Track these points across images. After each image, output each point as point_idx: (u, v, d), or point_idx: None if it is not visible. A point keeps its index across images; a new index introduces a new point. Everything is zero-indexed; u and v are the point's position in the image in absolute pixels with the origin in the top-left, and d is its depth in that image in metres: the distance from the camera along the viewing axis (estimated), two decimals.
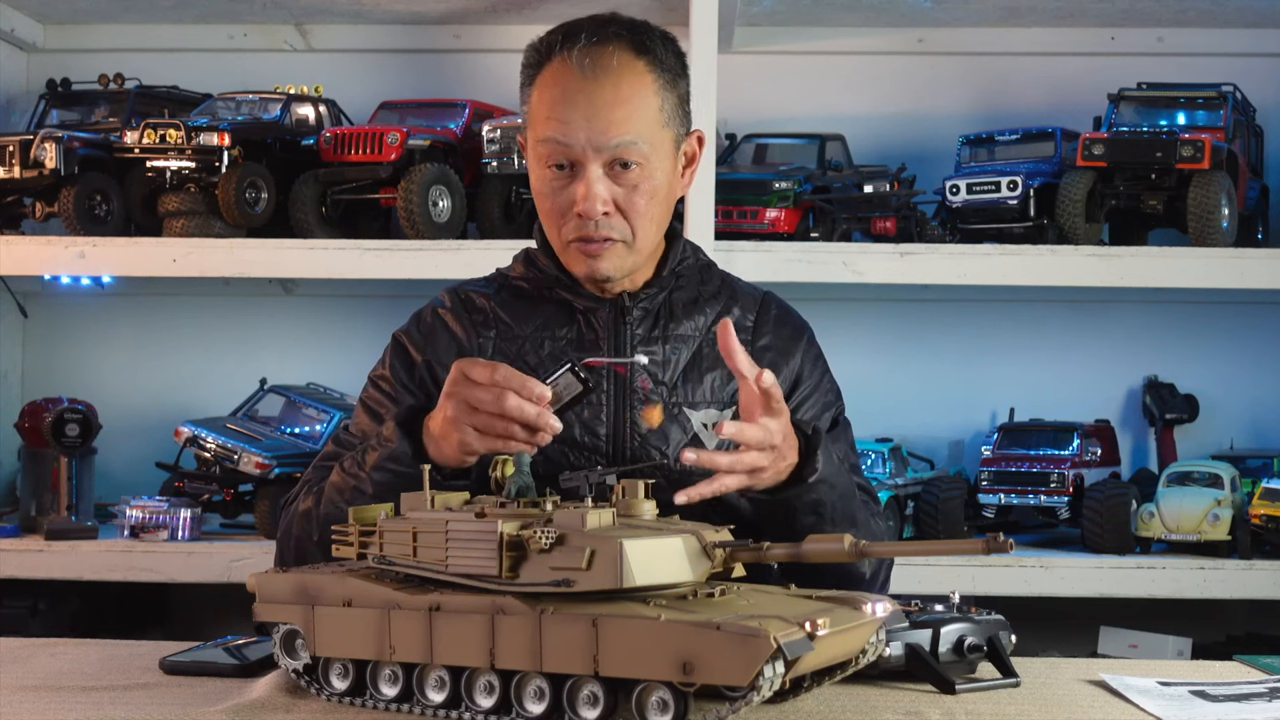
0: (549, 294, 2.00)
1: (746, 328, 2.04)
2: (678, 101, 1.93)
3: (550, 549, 1.41)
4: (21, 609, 3.14)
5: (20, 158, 3.16)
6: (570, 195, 1.89)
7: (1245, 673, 1.84)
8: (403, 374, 2.00)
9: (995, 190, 3.16)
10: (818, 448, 1.80)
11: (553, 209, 1.92)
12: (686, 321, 2.00)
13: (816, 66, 3.60)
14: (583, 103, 1.85)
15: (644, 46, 1.90)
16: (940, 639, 1.67)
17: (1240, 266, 3.07)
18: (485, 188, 3.21)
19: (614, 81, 1.86)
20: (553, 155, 1.88)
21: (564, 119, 1.86)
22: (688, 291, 2.03)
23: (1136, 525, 3.06)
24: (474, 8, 3.48)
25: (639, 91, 1.87)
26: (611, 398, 1.94)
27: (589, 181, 1.87)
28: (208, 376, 3.61)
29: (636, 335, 1.97)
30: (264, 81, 3.41)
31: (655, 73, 1.89)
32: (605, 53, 1.86)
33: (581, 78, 1.85)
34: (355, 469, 1.84)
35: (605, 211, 1.88)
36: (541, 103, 1.90)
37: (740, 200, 3.16)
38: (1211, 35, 3.51)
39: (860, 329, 3.53)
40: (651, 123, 1.88)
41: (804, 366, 2.06)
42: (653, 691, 1.36)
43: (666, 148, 1.92)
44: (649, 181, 1.89)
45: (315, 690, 1.57)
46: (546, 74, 1.90)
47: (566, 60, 1.87)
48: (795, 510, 1.79)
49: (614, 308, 1.98)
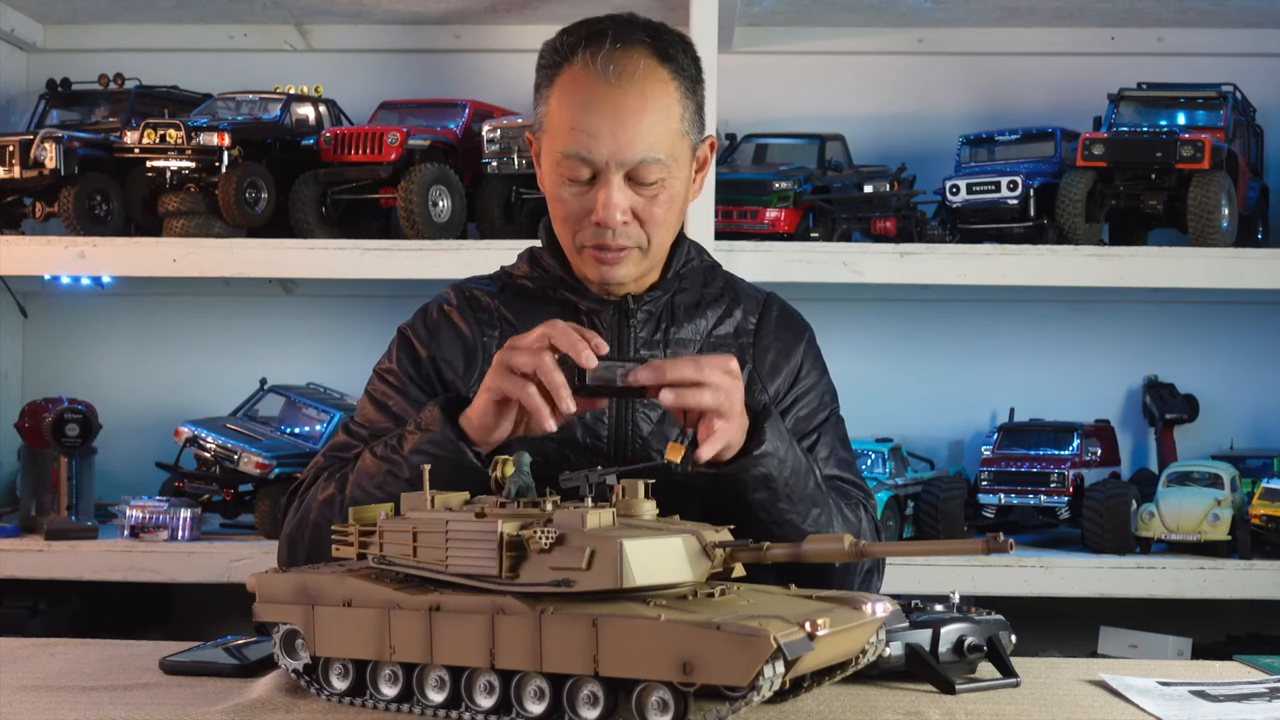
0: (553, 294, 2.00)
1: (748, 330, 2.04)
2: (696, 108, 1.92)
3: (550, 549, 1.41)
4: (21, 609, 3.14)
5: (20, 158, 3.16)
6: (588, 202, 1.86)
7: (1245, 673, 1.84)
8: (409, 367, 2.00)
9: (995, 190, 3.16)
10: (765, 422, 1.78)
11: (568, 215, 1.90)
12: (688, 325, 2.00)
13: (816, 66, 3.60)
14: (609, 112, 1.82)
15: (666, 53, 1.87)
16: (940, 639, 1.67)
17: (1240, 266, 3.07)
18: (485, 188, 3.21)
19: (639, 90, 1.83)
20: (574, 168, 1.85)
21: (589, 130, 1.82)
22: (690, 294, 2.03)
23: (1136, 525, 3.06)
24: (474, 8, 3.48)
25: (663, 100, 1.85)
26: (614, 400, 1.94)
27: (609, 191, 1.84)
28: (208, 376, 3.61)
29: (639, 338, 1.97)
30: (264, 81, 3.41)
31: (678, 80, 1.87)
32: (630, 59, 1.83)
33: (605, 85, 1.82)
34: (390, 453, 1.82)
35: (624, 221, 1.86)
36: (563, 108, 1.86)
37: (740, 200, 3.16)
38: (1211, 35, 3.51)
39: (860, 329, 3.53)
40: (673, 133, 1.87)
41: (803, 366, 2.06)
42: (653, 691, 1.36)
43: (685, 157, 1.91)
44: (668, 191, 1.88)
45: (315, 690, 1.57)
46: (567, 77, 1.86)
47: (590, 65, 1.83)
48: (745, 484, 1.77)
49: (618, 310, 1.98)
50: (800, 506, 1.81)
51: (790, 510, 1.80)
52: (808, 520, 1.82)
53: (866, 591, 1.63)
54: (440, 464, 1.69)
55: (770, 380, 2.02)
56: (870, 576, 1.99)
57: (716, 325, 2.02)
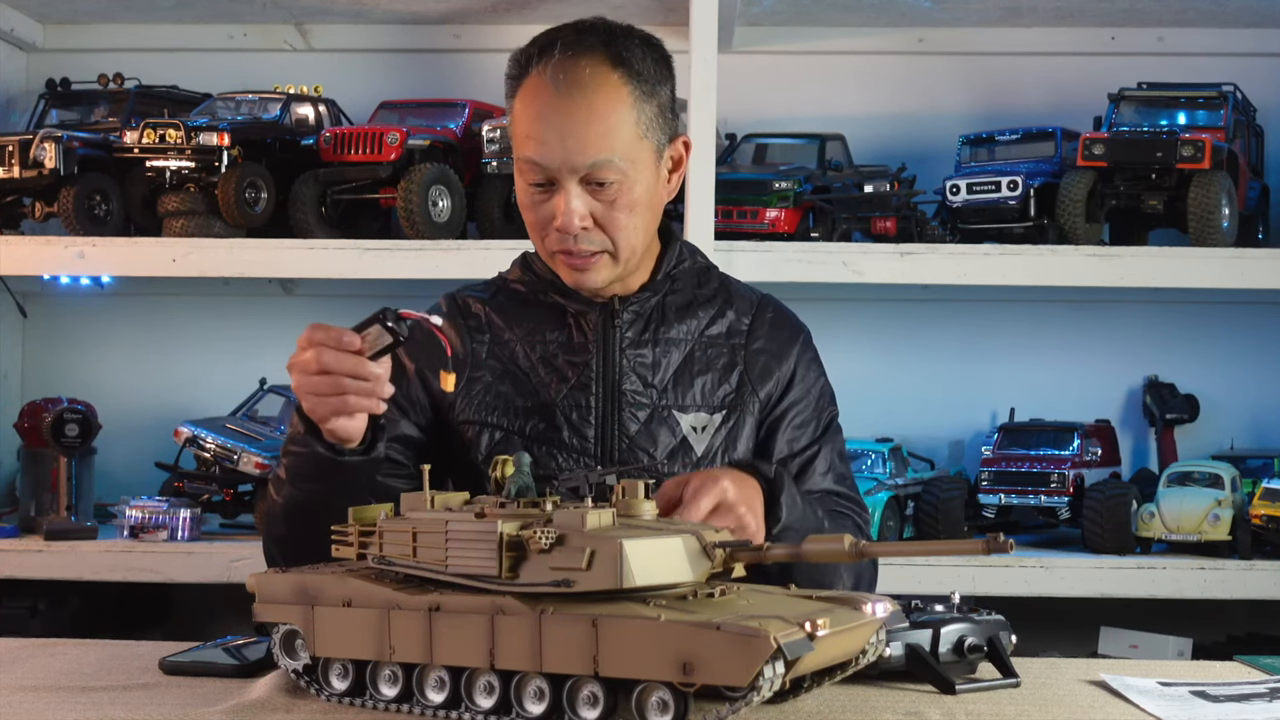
0: (543, 297, 2.02)
1: (740, 330, 2.04)
2: (657, 110, 1.91)
3: (550, 549, 1.41)
4: (21, 609, 3.14)
5: (20, 158, 3.16)
6: (550, 209, 1.90)
7: (1245, 673, 1.84)
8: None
9: (995, 190, 3.16)
10: (780, 494, 1.80)
11: (535, 221, 1.94)
12: (679, 325, 2.01)
13: (816, 66, 3.60)
14: (558, 121, 1.85)
15: (620, 58, 1.88)
16: (940, 639, 1.67)
17: (1240, 266, 3.07)
18: (485, 188, 3.21)
19: (587, 99, 1.85)
20: (531, 173, 1.89)
21: (540, 138, 1.86)
22: (683, 295, 2.03)
23: (1137, 525, 3.06)
24: (474, 8, 3.48)
25: (614, 107, 1.86)
26: (600, 400, 1.95)
27: (566, 198, 1.87)
28: (208, 376, 3.61)
29: (626, 338, 1.98)
30: (264, 81, 3.41)
31: (631, 84, 1.88)
32: (578, 67, 1.85)
33: (555, 94, 1.85)
34: (278, 459, 1.89)
35: (584, 226, 1.89)
36: (520, 119, 1.91)
37: (740, 200, 3.15)
38: (1211, 35, 3.51)
39: (860, 329, 3.53)
40: (628, 137, 1.87)
41: (797, 369, 2.06)
42: (653, 692, 1.36)
43: (646, 159, 1.91)
44: (627, 195, 1.89)
45: (315, 690, 1.57)
46: (525, 87, 1.90)
47: (542, 74, 1.87)
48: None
49: (605, 311, 1.99)
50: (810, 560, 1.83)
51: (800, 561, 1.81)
52: (817, 568, 1.84)
53: None
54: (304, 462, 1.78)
55: (761, 384, 2.02)
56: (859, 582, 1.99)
57: (708, 326, 2.03)
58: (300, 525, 1.82)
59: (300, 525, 1.82)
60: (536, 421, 1.95)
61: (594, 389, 1.95)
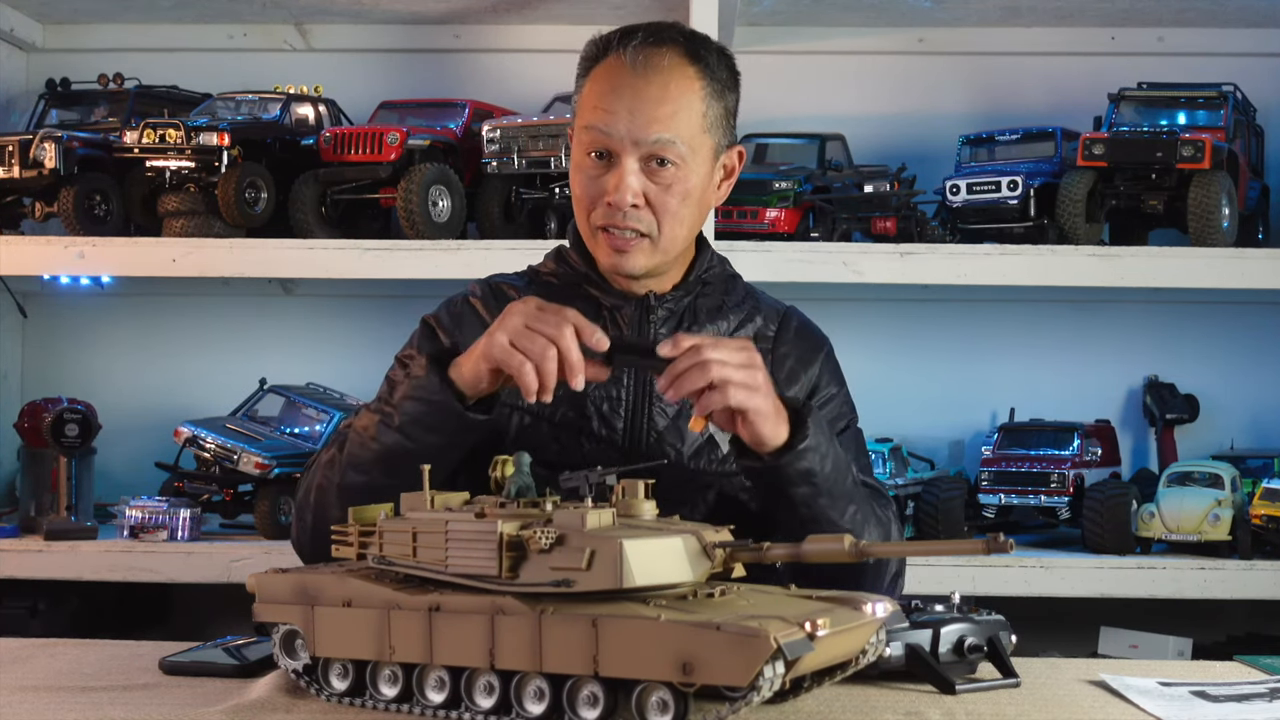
0: (577, 290, 2.02)
1: (768, 337, 2.06)
2: (723, 112, 1.96)
3: (550, 549, 1.41)
4: (21, 609, 3.14)
5: (20, 158, 3.16)
6: (604, 183, 1.92)
7: (1246, 673, 1.84)
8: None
9: (995, 190, 3.16)
10: (808, 417, 1.80)
11: (585, 195, 1.95)
12: (709, 326, 2.02)
13: (816, 66, 3.60)
14: (629, 96, 1.89)
15: (698, 54, 1.94)
16: (940, 639, 1.67)
17: (1240, 266, 3.07)
18: (485, 188, 3.21)
19: (662, 80, 1.90)
20: (593, 143, 1.91)
21: (609, 109, 1.90)
22: (713, 299, 2.05)
23: (1137, 525, 3.06)
24: (474, 8, 3.48)
25: (685, 93, 1.91)
26: (630, 392, 1.96)
27: (623, 172, 1.90)
28: (208, 376, 3.61)
29: (659, 335, 1.98)
30: (264, 81, 3.41)
31: (705, 80, 1.93)
32: (658, 53, 1.91)
33: (632, 73, 1.90)
34: (382, 405, 1.87)
35: (635, 204, 1.90)
36: (590, 93, 1.94)
37: (740, 200, 3.15)
38: (1211, 35, 3.51)
39: (860, 329, 3.52)
40: (694, 126, 1.91)
41: (822, 377, 2.08)
42: (653, 692, 1.36)
43: (705, 153, 1.94)
44: (683, 183, 1.92)
45: (315, 690, 1.57)
46: (600, 68, 1.94)
47: (621, 56, 1.91)
48: (788, 478, 1.79)
49: (640, 306, 2.00)
50: (839, 503, 1.83)
51: (830, 506, 1.81)
52: (845, 517, 1.84)
53: (891, 596, 1.63)
54: (428, 408, 1.77)
55: (787, 388, 2.03)
56: (897, 580, 1.99)
57: (737, 329, 2.05)
58: (395, 473, 1.78)
59: (395, 473, 1.78)
60: (566, 409, 1.95)
61: (625, 382, 1.96)
